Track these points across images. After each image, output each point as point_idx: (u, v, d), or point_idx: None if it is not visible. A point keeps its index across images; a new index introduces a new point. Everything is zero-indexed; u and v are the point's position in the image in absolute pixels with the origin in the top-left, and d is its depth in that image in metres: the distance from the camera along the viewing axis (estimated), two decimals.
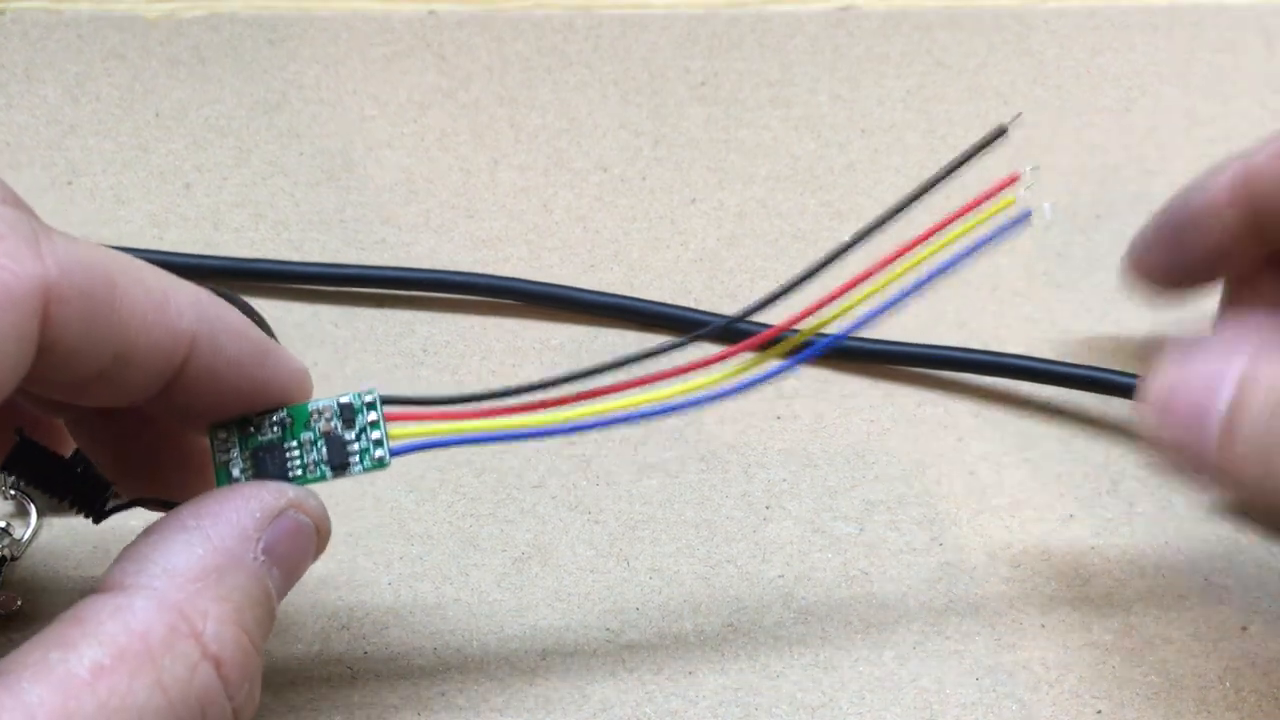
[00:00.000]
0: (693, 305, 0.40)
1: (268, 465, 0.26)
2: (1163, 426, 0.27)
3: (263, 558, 0.24)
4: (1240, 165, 0.32)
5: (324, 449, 0.26)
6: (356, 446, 0.26)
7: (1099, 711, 0.30)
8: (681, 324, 0.38)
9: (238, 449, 0.26)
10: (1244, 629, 0.32)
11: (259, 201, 0.43)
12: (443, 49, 0.48)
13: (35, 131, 0.44)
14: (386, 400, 0.27)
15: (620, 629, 0.32)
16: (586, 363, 0.38)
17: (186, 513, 0.24)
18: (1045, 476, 0.35)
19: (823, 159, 0.45)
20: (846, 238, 0.26)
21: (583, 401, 0.26)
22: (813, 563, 0.33)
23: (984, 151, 0.27)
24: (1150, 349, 0.31)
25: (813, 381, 0.37)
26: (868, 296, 0.26)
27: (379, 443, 0.26)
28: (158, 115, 0.45)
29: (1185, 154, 0.45)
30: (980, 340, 0.39)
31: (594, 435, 0.36)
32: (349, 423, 0.26)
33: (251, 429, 0.26)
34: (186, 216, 0.42)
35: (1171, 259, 0.34)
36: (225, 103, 0.46)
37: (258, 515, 0.24)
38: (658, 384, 0.26)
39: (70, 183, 0.43)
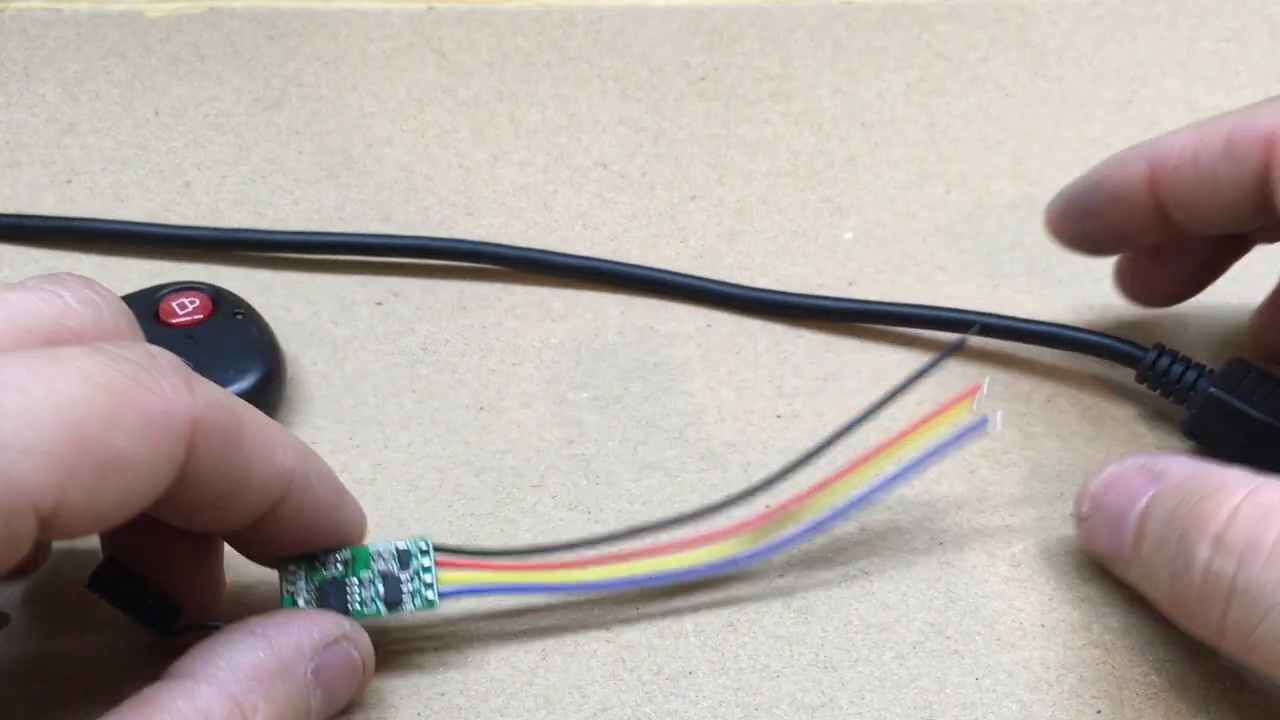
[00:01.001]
0: (693, 304, 0.40)
1: (330, 597, 0.29)
2: (1093, 517, 0.32)
3: (312, 677, 0.26)
4: (1150, 156, 0.33)
5: (380, 587, 0.29)
6: (409, 587, 0.29)
7: (1099, 711, 0.30)
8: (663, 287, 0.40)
9: (304, 581, 0.29)
10: None
11: (258, 199, 0.43)
12: (442, 45, 0.48)
13: (34, 129, 0.44)
14: (439, 549, 0.30)
15: (620, 629, 0.32)
16: (585, 361, 0.38)
17: (255, 622, 0.27)
18: (1046, 475, 0.35)
19: (823, 153, 0.45)
20: (826, 436, 0.31)
21: (612, 563, 0.31)
22: (812, 562, 0.33)
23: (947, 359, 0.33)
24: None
25: (812, 380, 0.37)
26: (846, 488, 0.31)
27: (430, 585, 0.29)
28: (157, 113, 0.45)
29: None
30: (980, 337, 0.39)
31: (593, 436, 0.36)
32: (404, 565, 0.29)
33: (318, 564, 0.29)
34: (186, 214, 0.42)
35: (1084, 229, 0.36)
36: (224, 100, 0.46)
37: (316, 637, 0.27)
38: (683, 550, 0.31)
39: (70, 181, 0.43)
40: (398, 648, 0.31)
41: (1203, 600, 0.28)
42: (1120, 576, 0.31)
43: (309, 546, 0.29)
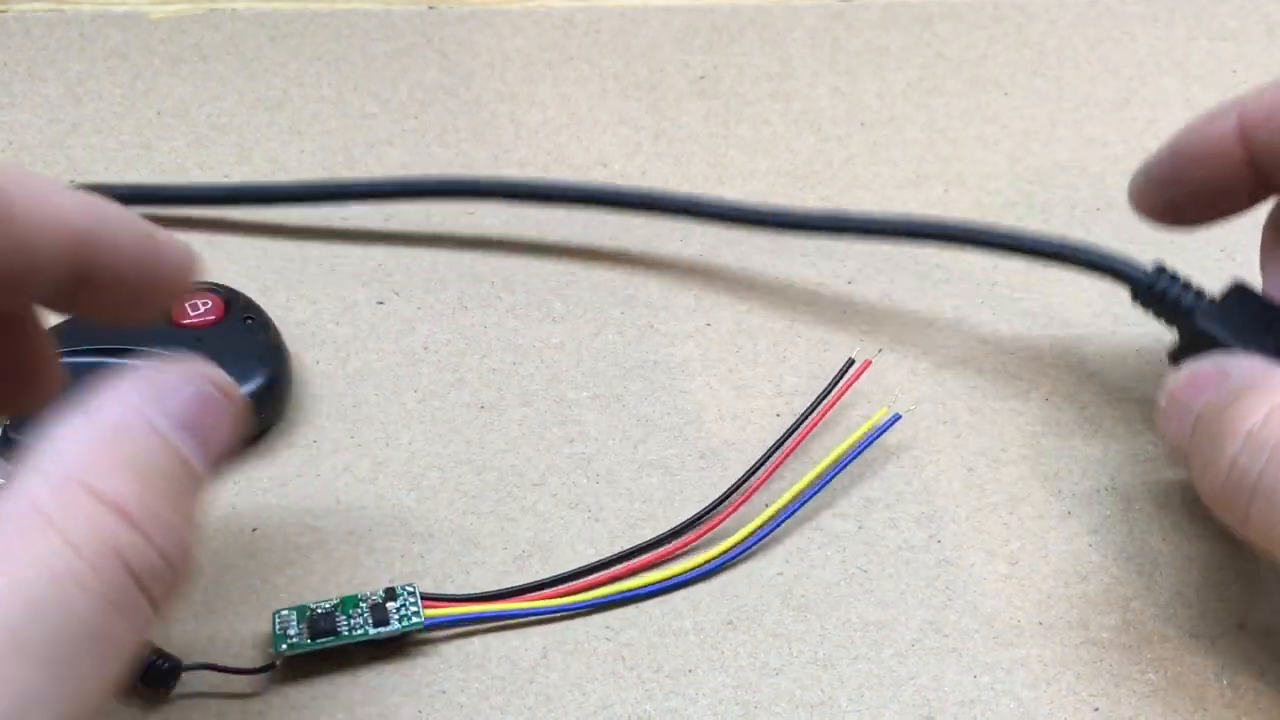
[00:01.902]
0: (693, 301, 0.40)
1: (319, 623, 0.30)
2: (1167, 410, 0.31)
3: (163, 426, 0.23)
4: (1238, 109, 0.32)
5: (369, 615, 0.31)
6: (397, 615, 0.31)
7: (1096, 709, 0.30)
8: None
9: (295, 623, 0.31)
10: (1241, 626, 0.32)
11: None
12: (443, 45, 0.48)
13: (38, 130, 0.45)
14: (426, 596, 0.32)
15: (620, 627, 0.32)
16: (585, 360, 0.38)
17: (78, 405, 0.23)
18: (1043, 473, 0.35)
19: (822, 153, 0.45)
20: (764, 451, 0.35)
21: (588, 589, 0.33)
22: (811, 560, 0.33)
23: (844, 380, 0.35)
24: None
25: (811, 379, 0.38)
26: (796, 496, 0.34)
27: (416, 612, 0.31)
28: (159, 113, 0.45)
29: None
30: (979, 336, 0.39)
31: (594, 434, 0.36)
32: (391, 599, 0.31)
33: (310, 609, 0.31)
34: (187, 215, 0.42)
35: (1171, 197, 0.34)
36: (227, 100, 0.46)
37: (141, 388, 0.23)
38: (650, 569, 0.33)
39: (73, 181, 0.43)
40: (399, 647, 0.31)
41: (1227, 493, 0.28)
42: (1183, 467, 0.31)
43: (139, 298, 0.27)
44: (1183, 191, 0.34)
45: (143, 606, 0.21)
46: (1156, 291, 0.34)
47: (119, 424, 0.22)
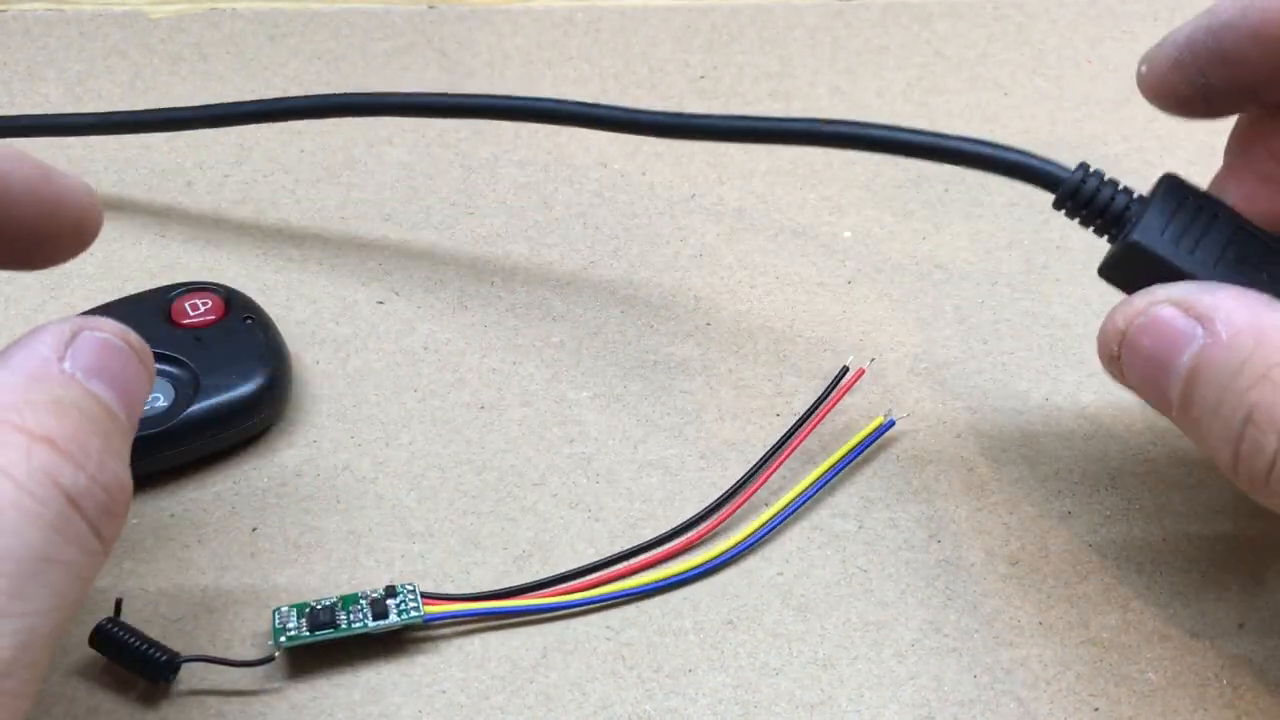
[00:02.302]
0: (693, 301, 0.40)
1: (319, 616, 0.31)
2: (1127, 359, 0.28)
3: (72, 371, 0.24)
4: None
5: (368, 610, 0.31)
6: (396, 609, 0.31)
7: (1096, 709, 0.30)
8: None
9: (295, 620, 0.31)
10: (1241, 626, 0.32)
11: (260, 199, 0.43)
12: (443, 44, 0.48)
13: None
14: (426, 595, 0.31)
15: (620, 627, 0.32)
16: (585, 360, 0.38)
17: None
18: (1043, 473, 0.35)
19: (822, 153, 0.45)
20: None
21: (587, 588, 0.33)
22: (811, 560, 0.33)
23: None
24: None
25: (811, 379, 0.38)
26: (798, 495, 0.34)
27: (416, 607, 0.31)
28: None
29: (1185, 145, 0.45)
30: (980, 336, 0.39)
31: (594, 434, 0.36)
32: (391, 596, 0.31)
33: (310, 606, 0.31)
34: (188, 214, 0.42)
35: (1207, 80, 0.29)
36: (226, 99, 0.46)
37: (50, 340, 0.24)
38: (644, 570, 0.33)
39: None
40: (399, 646, 0.31)
41: (1270, 487, 0.26)
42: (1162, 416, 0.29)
43: (39, 245, 0.27)
44: (1225, 76, 0.29)
45: (85, 532, 0.22)
46: (1084, 194, 0.30)
47: (35, 371, 0.23)
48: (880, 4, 0.51)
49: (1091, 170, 0.30)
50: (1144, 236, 0.29)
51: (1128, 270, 0.29)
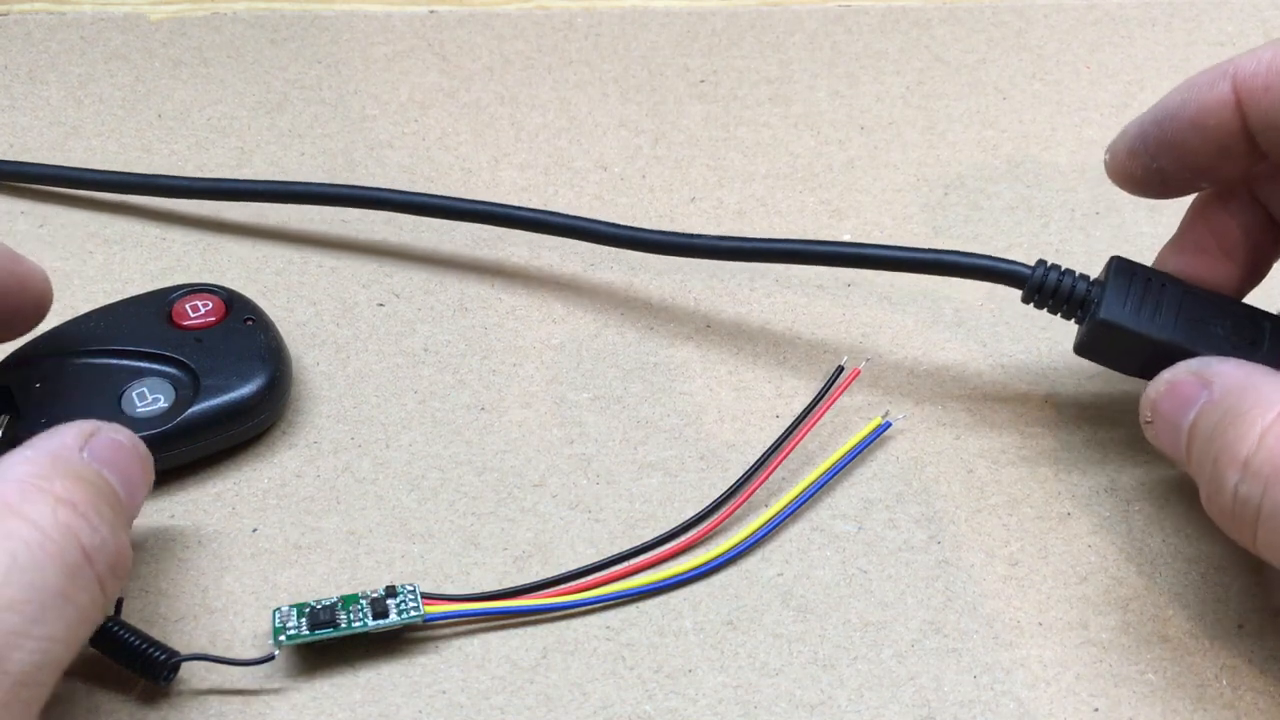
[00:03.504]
0: (693, 301, 0.40)
1: (319, 615, 0.31)
2: (1156, 423, 0.32)
3: (89, 459, 0.28)
4: (1231, 75, 0.31)
5: (368, 610, 0.31)
6: (396, 609, 0.31)
7: (1096, 709, 0.30)
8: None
9: (295, 620, 0.31)
10: (1240, 626, 0.32)
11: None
12: (444, 48, 0.49)
13: (38, 133, 0.45)
14: (426, 595, 0.32)
15: (620, 627, 0.32)
16: (585, 361, 0.38)
17: (23, 445, 0.28)
18: (1042, 474, 0.35)
19: (822, 156, 0.45)
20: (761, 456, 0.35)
21: (587, 588, 0.33)
22: (811, 561, 0.33)
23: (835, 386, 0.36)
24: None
25: (810, 380, 0.38)
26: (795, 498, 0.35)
27: (416, 607, 0.31)
28: (160, 116, 0.46)
29: None
30: (979, 337, 0.39)
31: (594, 435, 0.36)
32: (391, 596, 0.31)
33: (310, 606, 0.31)
34: (189, 215, 0.42)
35: (1159, 165, 0.33)
36: (227, 103, 0.46)
37: (74, 432, 0.29)
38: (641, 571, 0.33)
39: None
40: (399, 646, 0.31)
41: (1235, 520, 0.28)
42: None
43: (8, 309, 0.32)
44: (1173, 160, 0.33)
45: (93, 581, 0.26)
46: (1047, 287, 0.34)
47: (58, 453, 0.28)
48: (880, 9, 0.51)
49: (1050, 264, 0.34)
50: (1109, 314, 0.32)
51: (1101, 343, 0.33)
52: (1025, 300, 0.34)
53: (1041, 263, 0.34)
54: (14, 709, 0.24)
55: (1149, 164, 0.33)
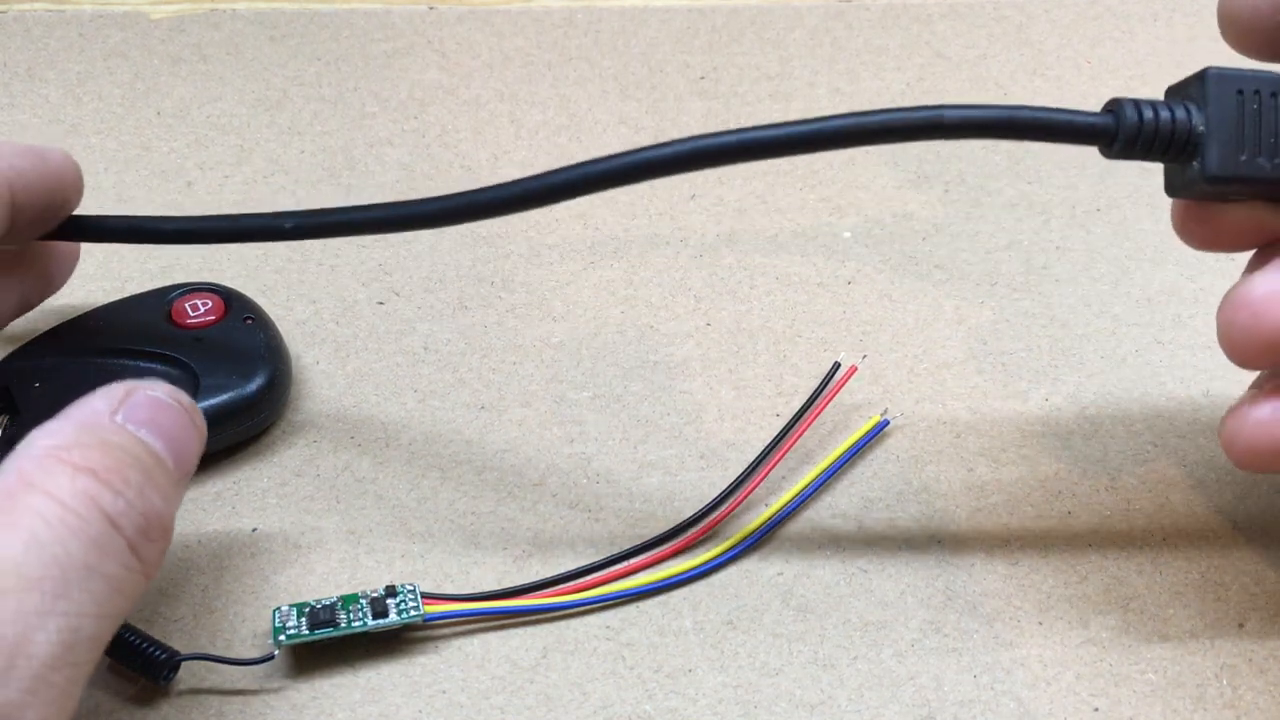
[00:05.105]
0: (693, 301, 0.40)
1: (319, 614, 0.31)
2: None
3: (123, 422, 0.27)
4: None
5: (368, 609, 0.31)
6: (396, 609, 0.31)
7: (1096, 709, 0.30)
8: None
9: (295, 619, 0.31)
10: (1241, 626, 0.32)
11: (260, 199, 0.43)
12: (443, 45, 0.48)
13: (38, 130, 0.45)
14: (426, 595, 0.32)
15: (620, 627, 0.32)
16: (585, 360, 0.38)
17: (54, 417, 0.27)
18: (1043, 473, 0.35)
19: (822, 154, 0.45)
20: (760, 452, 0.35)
21: (587, 588, 0.33)
22: (811, 560, 0.33)
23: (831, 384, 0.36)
24: None
25: (810, 379, 0.38)
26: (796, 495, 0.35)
27: (416, 607, 0.31)
28: (159, 113, 0.45)
29: None
30: (979, 337, 0.39)
31: (594, 434, 0.36)
32: (391, 596, 0.31)
33: (310, 605, 0.31)
34: (189, 214, 0.42)
35: None
36: (227, 100, 0.46)
37: (104, 398, 0.27)
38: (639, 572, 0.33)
39: None
40: (399, 646, 0.31)
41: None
42: None
43: (45, 214, 0.33)
44: None
45: (124, 549, 0.25)
46: (1145, 132, 0.27)
47: (86, 420, 0.26)
48: (880, 5, 0.51)
49: (1124, 101, 0.27)
50: (1220, 167, 0.27)
51: (1218, 194, 0.27)
52: (1108, 150, 0.28)
53: (1119, 101, 0.27)
54: (45, 694, 0.23)
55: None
